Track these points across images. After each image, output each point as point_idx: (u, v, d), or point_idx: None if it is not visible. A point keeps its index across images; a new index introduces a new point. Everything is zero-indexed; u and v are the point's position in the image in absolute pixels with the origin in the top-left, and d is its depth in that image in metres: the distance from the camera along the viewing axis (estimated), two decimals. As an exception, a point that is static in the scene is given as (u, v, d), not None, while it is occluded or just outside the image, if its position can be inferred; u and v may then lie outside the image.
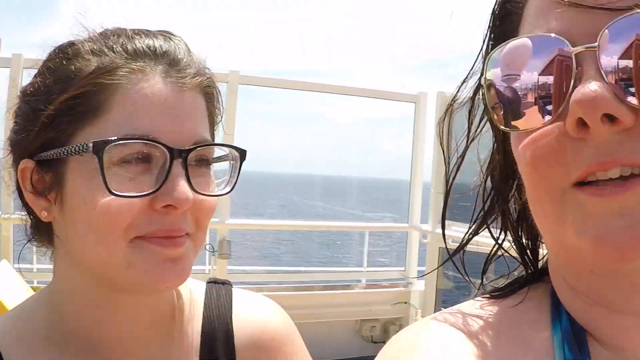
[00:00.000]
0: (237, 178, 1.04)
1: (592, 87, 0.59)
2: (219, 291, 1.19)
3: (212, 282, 1.20)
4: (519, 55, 0.66)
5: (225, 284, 1.20)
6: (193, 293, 1.16)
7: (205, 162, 0.99)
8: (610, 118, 0.59)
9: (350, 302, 6.44)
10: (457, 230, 0.90)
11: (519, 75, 0.65)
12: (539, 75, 0.64)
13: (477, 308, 0.77)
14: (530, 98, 0.65)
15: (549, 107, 0.64)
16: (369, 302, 6.48)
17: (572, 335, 0.70)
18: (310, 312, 5.84)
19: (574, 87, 0.61)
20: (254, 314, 1.18)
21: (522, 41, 0.66)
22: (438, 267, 5.71)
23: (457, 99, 0.82)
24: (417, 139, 6.76)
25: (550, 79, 0.63)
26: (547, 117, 0.64)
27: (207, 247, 5.58)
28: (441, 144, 0.86)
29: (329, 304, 6.18)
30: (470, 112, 0.81)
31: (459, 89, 0.81)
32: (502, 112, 0.68)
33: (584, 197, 0.62)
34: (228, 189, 1.03)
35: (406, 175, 6.87)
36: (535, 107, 0.65)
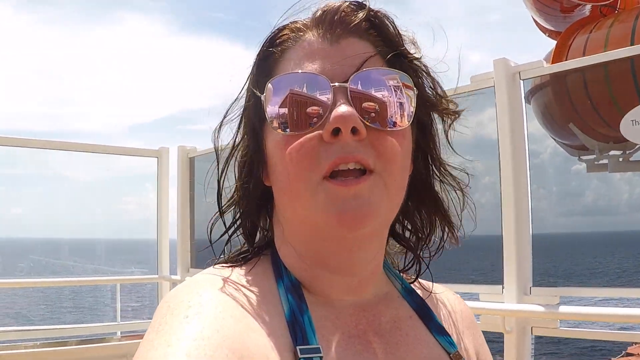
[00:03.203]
0: None
1: (346, 109, 0.86)
2: None
3: None
4: (294, 83, 0.89)
5: None
6: None
7: None
8: (353, 130, 0.85)
9: (107, 355, 6.13)
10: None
11: (295, 97, 0.88)
12: (311, 97, 0.88)
13: (225, 275, 0.94)
14: (303, 112, 0.88)
15: (314, 120, 0.87)
16: (125, 354, 6.17)
17: (292, 288, 0.93)
18: (66, 368, 5.51)
19: (331, 109, 0.86)
20: None
21: (300, 75, 0.90)
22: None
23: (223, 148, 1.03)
24: (162, 192, 6.70)
25: (315, 101, 0.88)
26: (311, 127, 0.87)
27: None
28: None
29: (84, 358, 5.94)
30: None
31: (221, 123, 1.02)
32: (280, 122, 0.89)
33: (331, 185, 0.86)
34: None
35: (153, 233, 6.75)
36: (306, 119, 0.88)
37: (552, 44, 6.36)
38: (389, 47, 0.96)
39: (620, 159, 5.44)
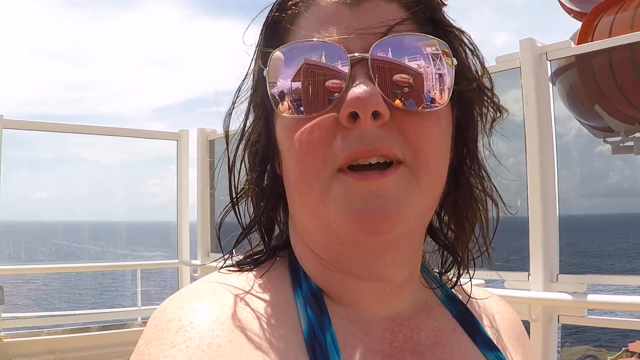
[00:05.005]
0: None
1: (365, 88, 0.69)
2: None
3: None
4: (303, 54, 0.73)
5: None
6: None
7: None
8: (374, 114, 0.69)
9: (127, 341, 5.90)
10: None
11: (302, 70, 0.73)
12: (320, 72, 0.72)
13: (230, 282, 0.80)
14: (311, 91, 0.72)
15: (329, 99, 0.71)
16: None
17: (312, 298, 0.78)
18: (87, 354, 5.62)
19: (348, 86, 0.70)
20: None
21: (312, 43, 0.73)
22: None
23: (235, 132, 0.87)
24: (182, 175, 6.63)
25: (329, 77, 0.72)
26: (325, 108, 0.71)
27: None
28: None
29: (105, 344, 5.87)
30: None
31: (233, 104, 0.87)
32: (288, 101, 0.74)
33: (349, 180, 0.70)
34: None
35: (174, 216, 6.70)
36: (317, 98, 0.72)
37: (577, 25, 6.23)
38: (424, 9, 0.78)
39: (646, 141, 5.36)
